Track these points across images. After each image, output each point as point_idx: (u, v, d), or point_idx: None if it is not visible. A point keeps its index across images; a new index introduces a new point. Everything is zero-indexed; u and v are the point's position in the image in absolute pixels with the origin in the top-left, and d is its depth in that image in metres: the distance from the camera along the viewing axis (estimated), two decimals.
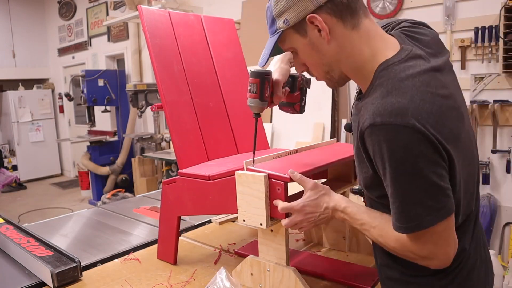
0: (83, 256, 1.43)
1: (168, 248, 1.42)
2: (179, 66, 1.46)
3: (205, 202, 1.26)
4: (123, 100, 5.68)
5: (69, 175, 7.95)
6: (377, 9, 3.30)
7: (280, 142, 3.71)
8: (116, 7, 6.00)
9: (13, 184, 6.89)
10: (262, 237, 1.18)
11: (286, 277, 1.13)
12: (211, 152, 1.46)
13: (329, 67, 0.93)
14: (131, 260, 1.46)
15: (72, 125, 7.80)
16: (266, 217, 1.08)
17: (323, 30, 0.86)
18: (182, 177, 1.31)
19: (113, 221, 1.95)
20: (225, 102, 1.57)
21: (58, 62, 7.74)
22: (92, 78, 5.47)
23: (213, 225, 1.83)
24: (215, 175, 1.22)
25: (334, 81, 0.96)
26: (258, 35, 3.98)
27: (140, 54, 5.75)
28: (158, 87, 1.39)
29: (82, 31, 6.99)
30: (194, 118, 1.45)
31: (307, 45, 0.91)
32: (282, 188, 1.06)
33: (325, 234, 1.50)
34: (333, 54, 0.90)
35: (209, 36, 1.61)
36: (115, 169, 5.65)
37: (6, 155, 7.39)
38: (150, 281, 1.29)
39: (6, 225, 1.68)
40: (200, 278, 1.30)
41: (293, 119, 3.64)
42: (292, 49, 0.96)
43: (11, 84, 7.56)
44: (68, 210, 5.48)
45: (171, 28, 1.49)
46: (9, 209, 5.78)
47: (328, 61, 0.92)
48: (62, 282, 1.26)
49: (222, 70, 1.60)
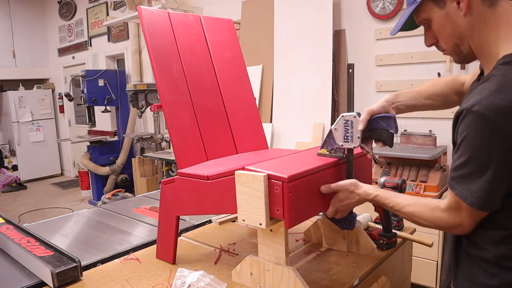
0: (83, 256, 1.44)
1: (167, 248, 1.42)
2: (179, 66, 1.47)
3: (204, 202, 1.26)
4: (123, 100, 5.69)
5: (69, 175, 7.95)
6: (377, 9, 3.30)
7: (280, 142, 3.71)
8: (116, 7, 6.00)
9: (13, 184, 6.90)
10: (261, 237, 1.18)
11: (285, 276, 1.13)
12: (210, 152, 1.47)
13: (459, 41, 0.97)
14: (131, 260, 1.46)
15: (72, 125, 7.81)
16: (266, 216, 1.08)
17: (463, 2, 0.90)
18: (181, 177, 1.32)
19: (113, 221, 1.95)
20: (224, 102, 1.58)
21: (58, 62, 7.74)
22: (92, 78, 5.48)
23: (213, 225, 1.83)
24: (214, 175, 1.22)
25: (462, 55, 1.00)
26: (258, 35, 3.98)
27: (140, 54, 5.75)
28: (157, 87, 1.40)
29: (82, 31, 6.99)
30: (193, 118, 1.45)
31: (443, 16, 0.95)
32: (280, 188, 1.06)
33: (325, 234, 1.50)
34: (467, 28, 0.93)
35: (208, 37, 1.61)
36: (115, 169, 5.66)
37: (6, 155, 7.40)
38: (150, 281, 1.29)
39: (6, 225, 1.68)
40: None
41: (293, 119, 3.64)
42: (426, 21, 0.99)
43: (11, 84, 7.57)
44: (68, 210, 5.49)
45: (170, 29, 1.49)
46: (9, 209, 5.79)
47: (460, 34, 0.95)
48: (62, 282, 1.26)
49: (221, 71, 1.61)
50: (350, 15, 3.48)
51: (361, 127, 1.15)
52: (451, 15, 0.94)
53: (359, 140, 1.14)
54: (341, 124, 1.17)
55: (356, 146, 1.16)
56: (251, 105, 1.68)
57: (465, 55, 1.00)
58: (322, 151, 1.25)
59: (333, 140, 1.20)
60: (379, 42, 3.34)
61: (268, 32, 3.83)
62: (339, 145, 1.19)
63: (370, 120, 1.16)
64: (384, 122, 1.16)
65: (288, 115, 3.68)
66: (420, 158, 2.67)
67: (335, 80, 3.48)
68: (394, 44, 3.24)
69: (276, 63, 3.77)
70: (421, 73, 3.10)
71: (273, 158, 1.30)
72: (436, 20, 0.97)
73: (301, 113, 3.57)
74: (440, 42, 1.02)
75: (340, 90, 3.51)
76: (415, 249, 1.69)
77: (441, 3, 0.94)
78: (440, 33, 0.99)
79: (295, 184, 1.08)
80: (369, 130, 1.16)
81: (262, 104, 3.91)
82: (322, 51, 3.43)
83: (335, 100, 3.49)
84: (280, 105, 3.76)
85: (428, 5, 0.96)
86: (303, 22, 3.57)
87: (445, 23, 0.95)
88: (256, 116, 1.69)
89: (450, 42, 0.99)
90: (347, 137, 1.16)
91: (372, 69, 3.36)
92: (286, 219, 1.07)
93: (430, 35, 1.02)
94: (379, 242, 1.46)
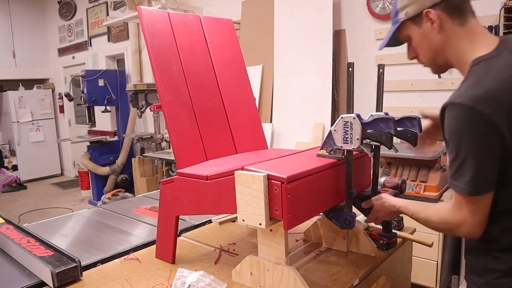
0: (83, 256, 1.44)
1: (166, 247, 1.42)
2: (178, 66, 1.47)
3: (203, 202, 1.26)
4: (123, 100, 5.69)
5: (69, 175, 7.95)
6: (377, 9, 3.30)
7: (280, 142, 3.71)
8: (116, 7, 6.00)
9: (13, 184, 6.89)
10: (261, 237, 1.18)
11: (285, 276, 1.13)
12: (209, 152, 1.47)
13: (435, 54, 1.11)
14: (131, 260, 1.47)
15: (72, 125, 7.80)
16: (265, 216, 1.08)
17: (435, 22, 1.06)
18: (180, 177, 1.32)
19: (113, 221, 1.95)
20: (224, 102, 1.58)
21: (58, 62, 7.74)
22: (92, 78, 5.47)
23: (213, 225, 1.83)
24: (213, 175, 1.22)
25: (438, 67, 1.15)
26: (257, 35, 3.98)
27: (140, 54, 5.75)
28: (156, 87, 1.40)
29: (82, 31, 6.99)
30: (192, 118, 1.45)
31: (420, 34, 1.10)
32: (279, 189, 1.06)
33: (324, 234, 1.50)
34: (440, 44, 1.08)
35: (208, 37, 1.61)
36: (115, 169, 5.66)
37: (6, 155, 7.39)
38: (150, 281, 1.29)
39: (6, 225, 1.68)
40: None
41: (293, 119, 3.64)
42: (407, 38, 1.15)
43: (11, 84, 7.57)
44: (68, 210, 5.49)
45: (170, 29, 1.49)
46: (9, 209, 5.78)
47: (435, 49, 1.10)
48: (62, 282, 1.26)
49: (221, 70, 1.61)
50: (350, 15, 3.48)
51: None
52: (426, 33, 1.09)
53: (359, 142, 1.15)
54: (340, 126, 1.17)
55: (355, 147, 1.17)
56: (250, 105, 1.68)
57: (440, 66, 1.14)
58: (321, 152, 1.27)
59: (333, 141, 1.21)
60: (379, 42, 3.33)
61: (268, 32, 3.83)
62: (338, 146, 1.20)
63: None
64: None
65: (288, 115, 3.68)
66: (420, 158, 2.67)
67: (335, 80, 3.48)
68: None
69: (276, 63, 3.77)
70: (421, 73, 3.10)
71: (273, 158, 1.31)
72: (415, 37, 1.12)
73: (301, 113, 3.57)
74: (419, 56, 1.16)
75: (340, 90, 3.51)
76: (415, 249, 1.69)
77: (418, 22, 1.09)
78: (419, 48, 1.14)
79: (294, 185, 1.08)
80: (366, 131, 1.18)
81: (262, 104, 3.91)
82: (322, 51, 3.42)
83: (335, 100, 3.49)
84: (280, 105, 3.76)
85: (408, 25, 1.12)
86: (303, 22, 3.57)
87: (422, 40, 1.11)
88: (256, 116, 1.69)
89: (427, 56, 1.13)
90: (346, 139, 1.17)
91: (372, 69, 3.36)
92: (285, 220, 1.07)
93: (411, 50, 1.17)
94: (379, 242, 1.46)
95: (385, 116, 1.18)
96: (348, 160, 1.23)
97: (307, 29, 3.53)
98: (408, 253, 1.66)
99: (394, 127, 1.15)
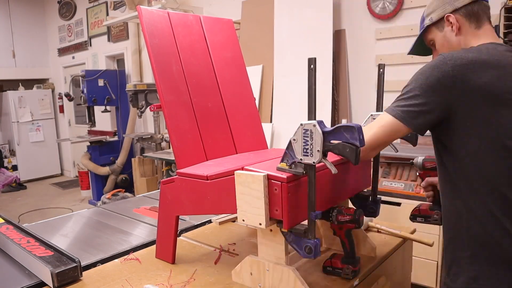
0: (83, 256, 1.44)
1: (166, 248, 1.42)
2: (178, 66, 1.47)
3: (203, 202, 1.26)
4: (123, 100, 5.68)
5: (69, 175, 7.95)
6: (377, 9, 3.30)
7: (280, 142, 3.71)
8: (116, 7, 6.00)
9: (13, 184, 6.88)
10: (261, 237, 1.18)
11: (285, 276, 1.13)
12: (209, 152, 1.47)
13: None
14: (131, 260, 1.46)
15: (72, 125, 7.80)
16: (265, 216, 1.08)
17: (455, 25, 1.20)
18: (180, 177, 1.32)
19: (113, 221, 1.95)
20: (224, 102, 1.58)
21: (58, 62, 7.74)
22: (92, 78, 5.47)
23: (213, 225, 1.83)
24: (213, 175, 1.22)
25: None
26: (257, 35, 3.98)
27: (140, 54, 5.75)
28: (156, 87, 1.40)
29: (82, 31, 6.99)
30: (192, 118, 1.45)
31: (442, 37, 1.25)
32: (279, 189, 1.06)
33: (324, 234, 1.50)
34: (457, 44, 1.22)
35: (208, 37, 1.61)
36: (115, 169, 5.66)
37: (6, 155, 7.39)
38: (150, 281, 1.29)
39: (6, 225, 1.68)
40: (200, 278, 1.31)
41: (293, 119, 3.64)
42: (431, 42, 1.29)
43: (11, 84, 7.56)
44: (68, 210, 5.49)
45: (170, 29, 1.49)
46: (9, 209, 5.78)
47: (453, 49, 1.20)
48: (62, 282, 1.26)
49: (221, 70, 1.61)
50: (350, 15, 3.48)
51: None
52: (447, 36, 1.23)
53: (320, 154, 0.97)
54: (300, 135, 1.00)
55: (316, 161, 0.98)
56: (250, 105, 1.68)
57: None
58: (281, 165, 1.07)
59: (293, 152, 1.02)
60: (379, 42, 3.34)
61: (268, 32, 3.83)
62: (298, 159, 1.02)
63: (331, 130, 0.99)
64: (348, 134, 0.97)
65: (288, 115, 3.68)
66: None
67: (335, 80, 3.48)
68: (394, 44, 3.24)
69: (276, 63, 3.77)
70: None
71: (273, 158, 1.30)
72: (438, 41, 1.26)
73: (301, 113, 3.57)
74: None
75: (340, 90, 3.51)
76: (415, 249, 1.69)
77: (440, 27, 1.24)
78: (441, 50, 1.25)
79: (294, 185, 1.08)
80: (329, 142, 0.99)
81: (262, 104, 3.91)
82: (322, 51, 3.42)
83: (335, 100, 3.49)
84: (280, 105, 3.75)
85: (432, 29, 1.27)
86: (303, 22, 3.57)
87: (444, 42, 1.24)
88: (256, 116, 1.69)
89: None
90: (306, 150, 0.99)
91: (372, 69, 3.36)
92: (285, 219, 1.07)
93: (435, 54, 1.30)
94: (345, 271, 1.25)
95: (350, 124, 0.97)
96: (310, 176, 1.02)
97: (307, 29, 3.53)
98: (408, 253, 1.66)
99: (359, 138, 0.95)
